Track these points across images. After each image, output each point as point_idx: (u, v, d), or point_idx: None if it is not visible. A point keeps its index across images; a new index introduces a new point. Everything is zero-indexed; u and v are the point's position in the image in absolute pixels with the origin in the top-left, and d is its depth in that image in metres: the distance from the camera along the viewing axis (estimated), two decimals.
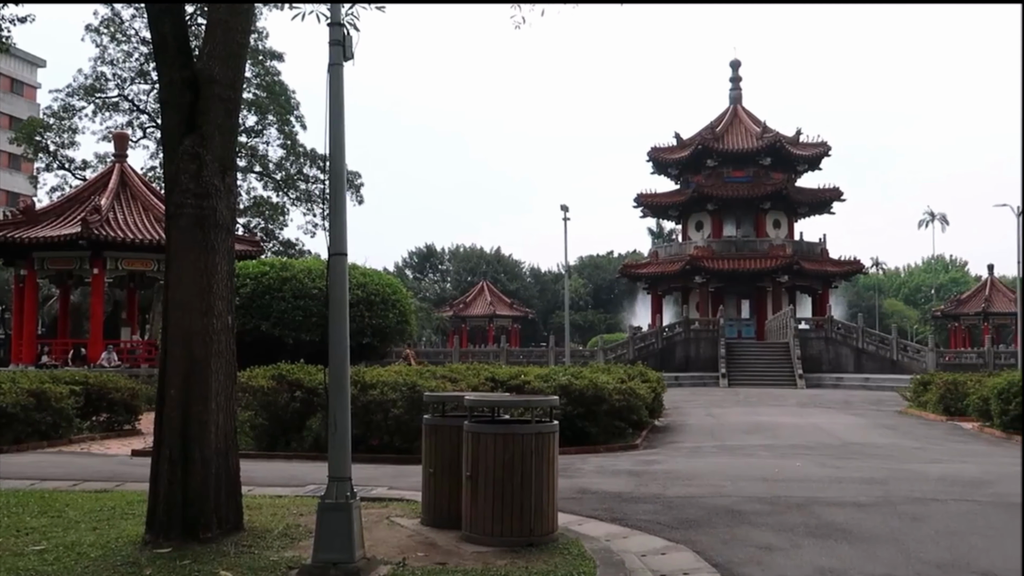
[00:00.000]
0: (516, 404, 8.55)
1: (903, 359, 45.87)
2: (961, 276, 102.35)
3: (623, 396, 17.19)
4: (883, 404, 30.04)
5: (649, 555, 7.48)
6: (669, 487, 11.15)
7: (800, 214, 62.13)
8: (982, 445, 17.78)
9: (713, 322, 51.10)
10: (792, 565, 7.16)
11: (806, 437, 18.42)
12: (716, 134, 60.53)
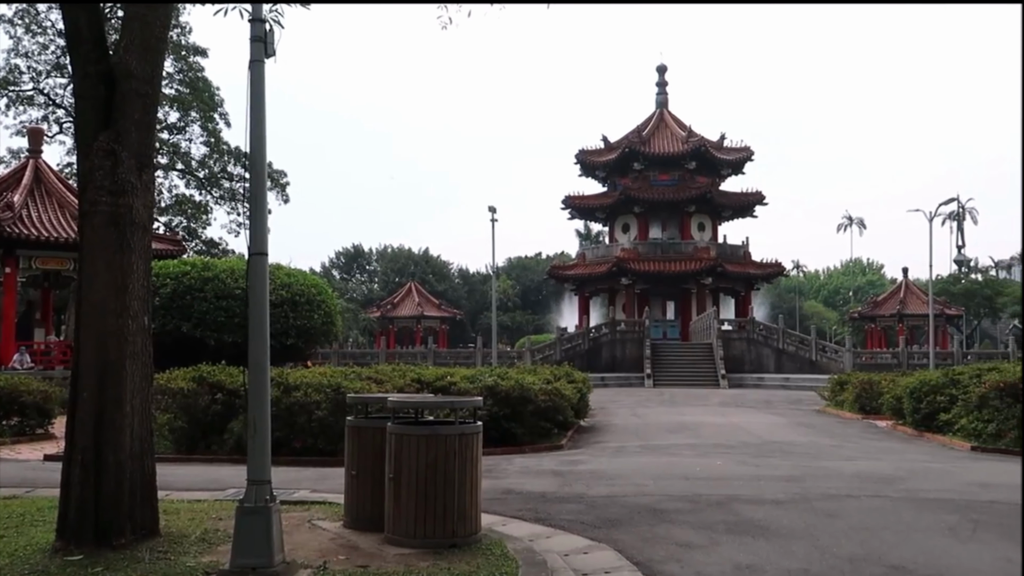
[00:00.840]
0: (440, 405, 8.53)
1: (822, 359, 47.04)
2: (878, 279, 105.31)
3: (549, 397, 17.29)
4: (802, 403, 30.77)
5: (572, 554, 7.53)
6: (593, 487, 11.25)
7: (724, 217, 63.24)
8: (895, 443, 18.33)
9: (639, 323, 51.69)
10: (711, 562, 7.28)
11: (727, 436, 18.75)
12: (643, 138, 61.29)
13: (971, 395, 17.51)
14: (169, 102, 46.60)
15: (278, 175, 49.07)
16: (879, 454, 15.68)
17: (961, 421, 17.79)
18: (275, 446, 13.18)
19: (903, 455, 15.50)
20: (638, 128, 63.25)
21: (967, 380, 18.41)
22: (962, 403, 17.98)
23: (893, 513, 9.39)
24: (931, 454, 15.86)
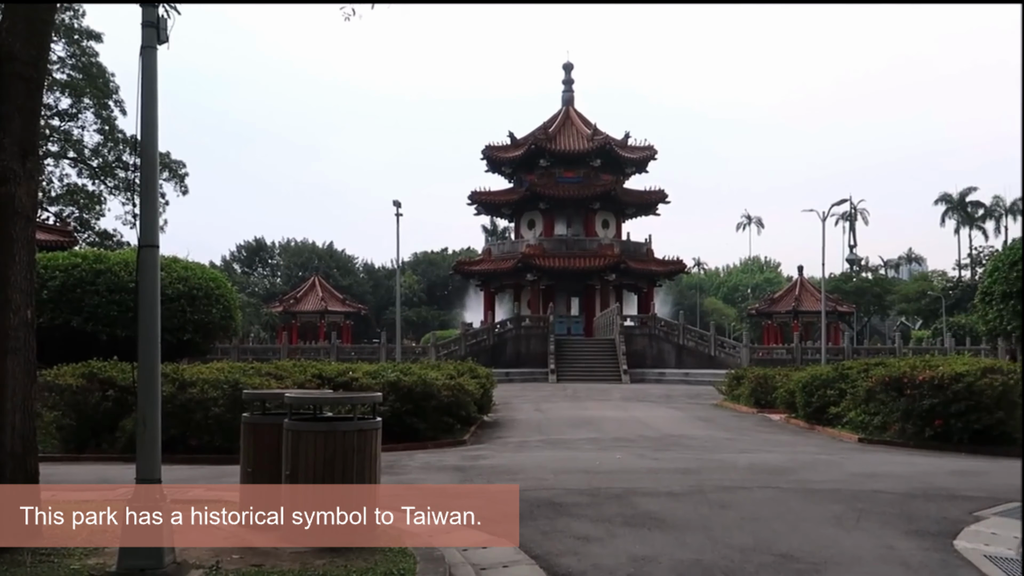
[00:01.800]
0: (339, 401, 8.44)
1: (720, 355, 48.23)
2: (775, 276, 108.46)
3: (452, 392, 17.28)
4: (701, 397, 31.49)
5: (471, 550, 7.55)
6: (494, 481, 11.29)
7: (628, 215, 64.20)
8: (788, 435, 18.92)
9: (543, 319, 52.08)
10: (607, 554, 7.40)
11: (628, 430, 19.06)
12: (549, 135, 61.72)
13: (859, 389, 18.20)
14: (60, 87, 44.79)
15: (176, 165, 47.67)
16: (772, 446, 16.16)
17: (850, 414, 18.48)
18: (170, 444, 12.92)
19: (794, 447, 16.01)
20: (544, 125, 63.68)
21: (855, 375, 19.13)
22: (850, 397, 18.68)
23: (783, 503, 9.69)
24: (821, 446, 16.43)
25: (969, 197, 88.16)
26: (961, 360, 18.27)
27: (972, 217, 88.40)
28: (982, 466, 13.04)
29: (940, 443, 15.69)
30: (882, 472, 12.15)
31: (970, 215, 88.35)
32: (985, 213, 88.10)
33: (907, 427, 16.44)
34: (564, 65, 67.23)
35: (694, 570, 6.96)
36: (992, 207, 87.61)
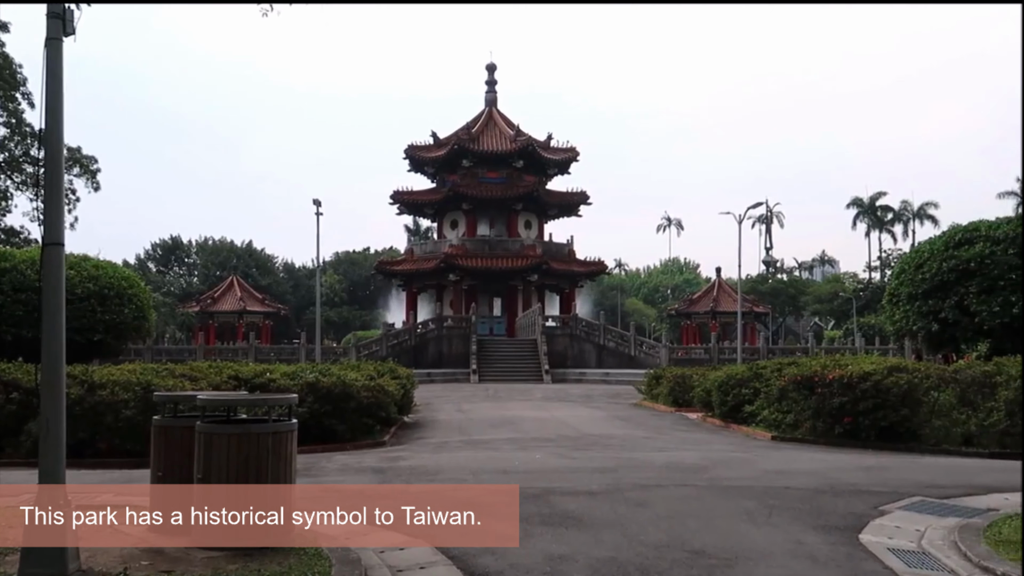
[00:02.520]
0: (254, 403, 8.30)
1: (640, 354, 48.86)
2: (694, 277, 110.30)
3: (372, 393, 17.16)
4: (621, 397, 31.86)
5: (388, 551, 7.52)
6: (413, 482, 11.25)
7: (550, 216, 64.61)
8: (703, 433, 19.27)
9: (466, 319, 52.07)
10: (525, 553, 7.43)
11: (548, 430, 19.18)
12: (472, 135, 61.74)
13: (772, 388, 18.64)
14: None
15: (88, 160, 46.23)
16: (688, 445, 16.44)
17: (763, 413, 18.91)
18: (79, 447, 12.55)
19: (710, 445, 16.32)
20: (467, 125, 63.68)
21: (769, 374, 19.59)
22: (764, 396, 19.12)
23: (698, 501, 9.86)
24: (735, 444, 16.77)
25: (879, 201, 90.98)
26: (869, 360, 18.87)
27: (882, 221, 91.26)
28: (887, 462, 13.47)
29: (849, 440, 16.17)
30: (793, 469, 12.46)
31: (880, 219, 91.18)
32: (894, 217, 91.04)
33: (818, 425, 16.90)
34: (487, 66, 67.37)
35: (609, 567, 7.05)
36: (900, 211, 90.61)
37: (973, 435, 15.20)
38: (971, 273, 20.58)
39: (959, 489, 10.44)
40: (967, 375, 16.08)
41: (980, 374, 15.90)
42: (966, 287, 20.60)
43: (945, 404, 15.73)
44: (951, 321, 20.97)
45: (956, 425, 15.43)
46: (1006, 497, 9.88)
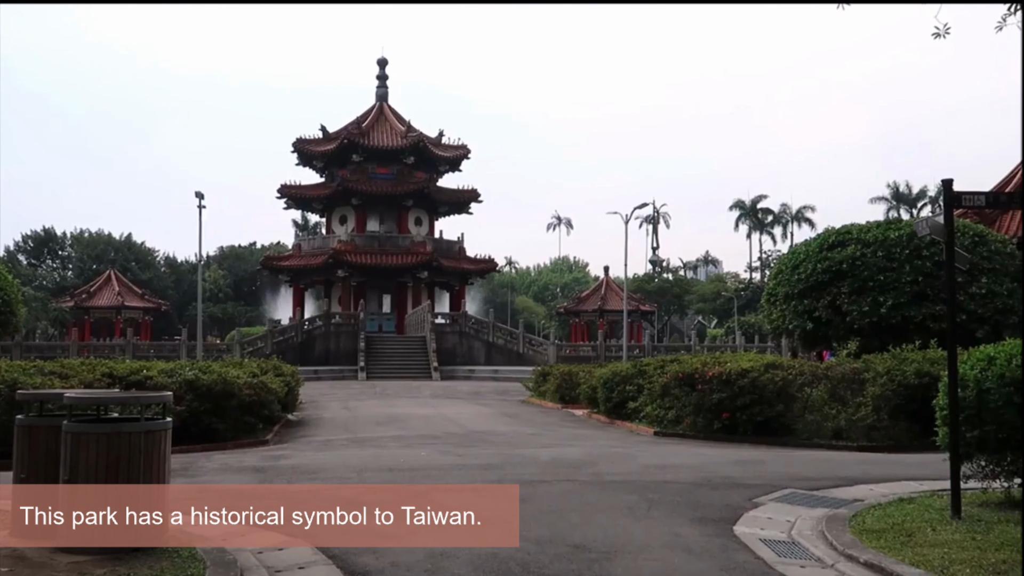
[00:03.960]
0: (126, 401, 8.02)
1: (528, 352, 49.27)
2: (583, 276, 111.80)
3: (254, 391, 16.81)
4: (509, 394, 32.06)
5: (266, 551, 7.37)
6: (295, 481, 11.06)
7: (441, 213, 64.47)
8: (589, 430, 19.57)
9: (354, 316, 51.53)
10: (406, 550, 7.40)
11: (435, 427, 19.15)
12: (362, 130, 61.09)
13: (655, 385, 19.05)
14: None
15: None
16: (573, 441, 16.66)
17: (647, 409, 19.30)
18: None
19: (594, 441, 16.58)
20: (358, 120, 62.97)
21: (652, 371, 20.01)
22: (648, 392, 19.52)
23: (580, 496, 10.00)
24: (619, 440, 17.09)
25: (760, 204, 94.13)
26: (747, 357, 19.45)
27: (762, 223, 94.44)
28: (763, 455, 13.93)
29: (727, 435, 16.67)
30: (673, 463, 12.76)
31: (761, 221, 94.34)
32: (774, 219, 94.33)
33: (698, 420, 17.37)
34: (378, 60, 66.82)
35: (491, 563, 7.08)
36: (780, 214, 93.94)
37: (843, 429, 15.86)
38: (843, 274, 21.43)
39: (828, 481, 10.87)
40: (838, 372, 16.77)
41: (850, 371, 16.61)
42: (838, 287, 21.43)
43: (817, 400, 16.36)
44: (824, 320, 21.79)
45: (827, 420, 16.06)
46: (871, 488, 10.34)
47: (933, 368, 14.54)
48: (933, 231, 9.48)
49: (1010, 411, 8.56)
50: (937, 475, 9.98)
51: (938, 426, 9.30)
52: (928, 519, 8.35)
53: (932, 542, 7.43)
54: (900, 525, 8.14)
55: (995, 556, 6.89)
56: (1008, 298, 20.94)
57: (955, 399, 8.71)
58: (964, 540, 7.45)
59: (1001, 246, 21.97)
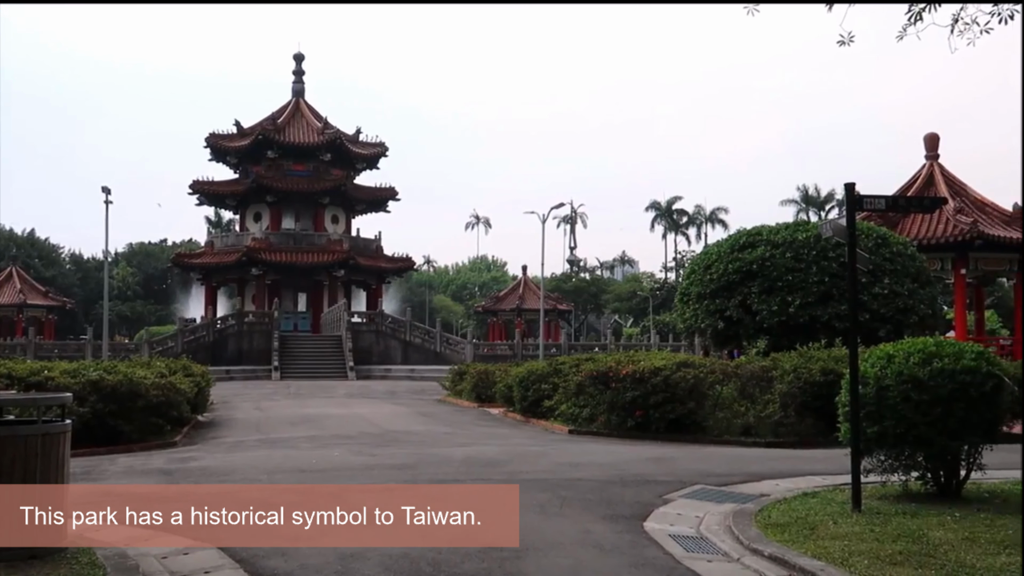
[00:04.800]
0: (20, 403, 7.74)
1: (446, 351, 49.16)
2: (501, 275, 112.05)
3: (162, 391, 16.41)
4: (425, 393, 31.94)
5: (171, 556, 7.20)
6: (203, 483, 10.82)
7: (358, 211, 63.85)
8: (504, 428, 19.62)
9: (268, 315, 50.72)
10: (316, 552, 7.31)
11: (349, 427, 18.96)
12: (278, 126, 60.12)
13: (570, 383, 19.20)
14: None
15: None
16: (488, 440, 16.67)
17: (562, 407, 19.44)
18: None
19: (509, 440, 16.62)
20: (273, 116, 61.94)
21: (568, 370, 20.16)
22: (563, 391, 19.65)
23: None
24: (534, 438, 17.16)
25: (675, 205, 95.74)
26: (661, 355, 19.76)
27: (678, 224, 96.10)
28: (674, 452, 14.15)
29: (640, 432, 16.89)
30: (586, 461, 12.87)
31: (676, 222, 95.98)
32: (689, 220, 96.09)
33: (612, 418, 17.56)
34: (295, 56, 65.76)
35: (402, 563, 7.05)
36: (695, 215, 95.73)
37: (752, 426, 16.22)
38: (753, 274, 21.93)
39: (736, 477, 11.10)
40: (747, 370, 17.16)
41: (759, 369, 17.00)
42: (749, 287, 21.93)
43: (728, 397, 16.71)
44: (735, 319, 22.27)
45: (737, 417, 16.42)
46: (777, 483, 10.60)
47: (837, 366, 14.94)
48: (836, 233, 9.77)
49: (907, 407, 8.88)
50: (840, 470, 10.27)
51: (840, 422, 9.59)
52: (830, 512, 8.60)
53: (833, 535, 7.64)
54: (804, 519, 8.35)
55: (892, 547, 7.12)
56: (909, 298, 21.73)
57: (856, 396, 8.98)
58: (863, 532, 7.69)
59: (902, 248, 22.77)
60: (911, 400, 8.86)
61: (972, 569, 6.47)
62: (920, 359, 8.98)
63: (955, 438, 8.98)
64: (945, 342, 9.38)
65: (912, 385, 8.87)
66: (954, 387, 8.81)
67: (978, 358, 9.03)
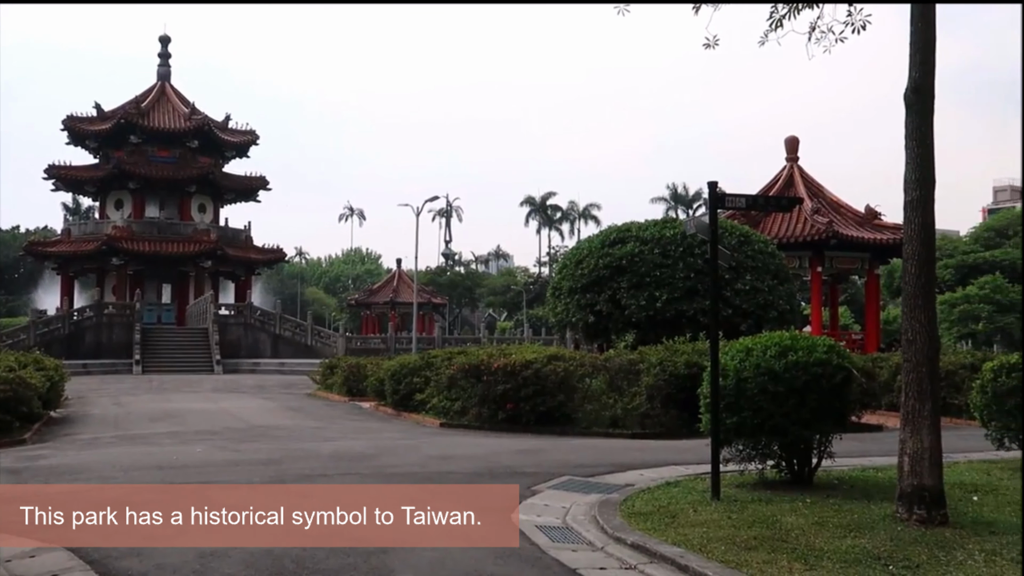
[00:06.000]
0: None
1: (317, 344, 48.39)
2: (375, 268, 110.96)
3: (10, 386, 15.57)
4: (295, 387, 31.35)
5: (16, 559, 6.86)
6: (53, 482, 10.31)
7: (227, 200, 62.03)
8: (375, 422, 19.44)
9: (130, 306, 48.76)
10: (173, 552, 7.06)
11: (214, 422, 18.43)
12: (141, 110, 57.75)
13: (442, 377, 19.17)
14: None
15: None
16: (358, 434, 16.49)
17: (433, 400, 19.40)
18: None
19: (380, 434, 16.47)
20: (137, 99, 59.46)
21: (440, 363, 20.13)
22: (435, 384, 19.61)
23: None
24: (405, 432, 17.06)
25: (550, 201, 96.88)
26: (532, 349, 19.92)
27: (551, 219, 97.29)
28: (543, 444, 14.30)
29: (511, 425, 17.01)
30: (457, 454, 12.88)
31: (550, 217, 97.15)
32: (562, 216, 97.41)
33: (483, 411, 17.62)
34: (161, 38, 63.27)
35: (264, 560, 6.89)
36: (568, 211, 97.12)
37: (619, 418, 16.56)
38: (623, 270, 22.41)
39: (603, 468, 11.31)
40: (616, 363, 17.50)
41: (626, 362, 17.37)
42: (618, 282, 22.40)
43: (596, 390, 17.01)
44: (605, 313, 22.72)
45: (605, 409, 16.73)
46: (642, 473, 10.86)
47: (701, 359, 15.39)
48: (699, 230, 10.07)
49: (764, 398, 9.23)
50: (702, 459, 10.61)
51: (702, 413, 9.89)
52: (691, 501, 8.86)
53: (693, 522, 7.88)
54: (665, 508, 8.58)
55: (747, 533, 7.40)
56: (769, 294, 22.63)
57: (716, 387, 9.28)
58: (721, 519, 7.96)
59: (764, 246, 23.70)
60: (768, 391, 9.21)
61: (820, 552, 6.78)
62: (776, 352, 9.34)
63: (808, 427, 9.39)
64: (800, 336, 9.79)
65: (769, 377, 9.22)
66: (807, 379, 9.21)
67: (829, 351, 9.47)
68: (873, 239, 31.20)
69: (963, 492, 9.20)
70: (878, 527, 7.55)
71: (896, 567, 6.37)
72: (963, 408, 14.47)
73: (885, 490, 9.00)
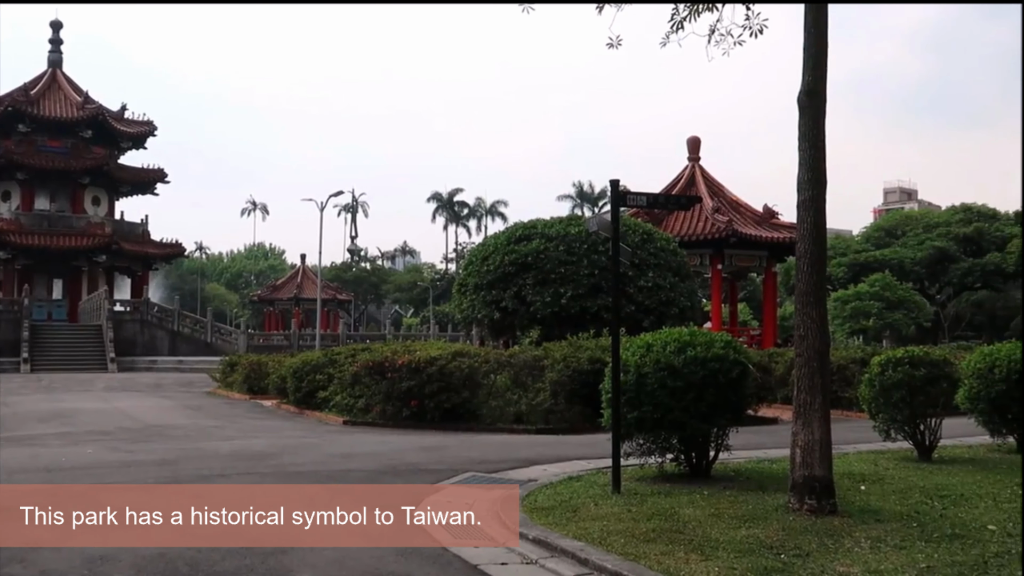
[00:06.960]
0: None
1: (217, 341, 47.30)
2: (279, 264, 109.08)
3: None
4: (194, 385, 30.58)
5: None
6: None
7: (123, 193, 60.04)
8: (277, 421, 19.10)
9: (17, 302, 46.77)
10: (60, 557, 6.82)
11: (107, 422, 17.84)
12: (31, 97, 55.41)
13: (345, 374, 18.96)
14: None
15: None
16: (259, 432, 16.18)
17: (336, 398, 19.16)
18: None
19: (281, 432, 16.20)
20: (26, 86, 56.99)
21: (343, 360, 19.90)
22: (338, 381, 19.38)
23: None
24: (308, 430, 16.81)
25: (457, 197, 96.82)
26: (437, 345, 19.87)
27: (459, 215, 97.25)
28: (448, 441, 14.28)
29: (416, 422, 16.92)
30: (360, 452, 12.76)
31: (457, 213, 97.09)
32: (469, 212, 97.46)
33: (387, 408, 17.48)
34: (52, 23, 60.78)
35: (157, 564, 6.70)
36: (475, 207, 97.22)
37: (524, 414, 16.62)
38: (529, 266, 22.51)
39: (507, 463, 11.35)
40: (520, 359, 17.56)
41: (531, 358, 17.44)
42: (524, 279, 22.49)
43: (501, 386, 17.04)
44: (511, 310, 22.78)
45: (510, 405, 16.77)
46: (545, 468, 10.93)
47: (604, 355, 15.56)
48: (600, 227, 10.19)
49: (664, 393, 9.39)
50: (604, 454, 10.70)
51: (604, 408, 10.01)
52: (592, 495, 8.96)
53: (594, 516, 7.97)
54: (567, 502, 8.66)
55: (647, 525, 7.52)
56: (671, 291, 23.04)
57: (618, 383, 9.40)
58: (621, 512, 8.06)
59: (666, 244, 24.12)
60: (667, 386, 9.37)
61: (716, 542, 6.93)
62: (675, 348, 9.52)
63: (706, 421, 9.60)
64: (698, 332, 9.99)
65: (668, 372, 9.39)
66: (705, 374, 9.41)
67: (726, 347, 9.70)
68: (770, 238, 32.07)
69: (852, 482, 9.54)
70: (771, 517, 7.76)
71: (787, 555, 6.56)
72: (853, 401, 15.01)
73: (779, 481, 9.26)
